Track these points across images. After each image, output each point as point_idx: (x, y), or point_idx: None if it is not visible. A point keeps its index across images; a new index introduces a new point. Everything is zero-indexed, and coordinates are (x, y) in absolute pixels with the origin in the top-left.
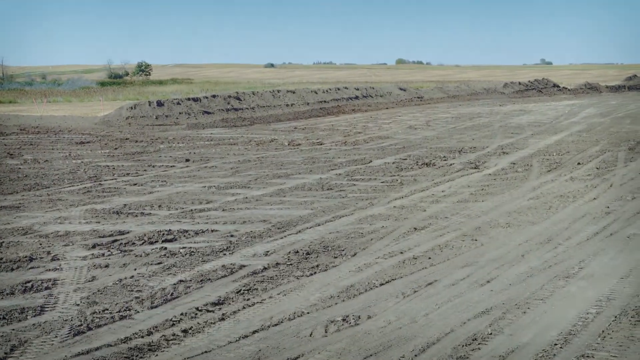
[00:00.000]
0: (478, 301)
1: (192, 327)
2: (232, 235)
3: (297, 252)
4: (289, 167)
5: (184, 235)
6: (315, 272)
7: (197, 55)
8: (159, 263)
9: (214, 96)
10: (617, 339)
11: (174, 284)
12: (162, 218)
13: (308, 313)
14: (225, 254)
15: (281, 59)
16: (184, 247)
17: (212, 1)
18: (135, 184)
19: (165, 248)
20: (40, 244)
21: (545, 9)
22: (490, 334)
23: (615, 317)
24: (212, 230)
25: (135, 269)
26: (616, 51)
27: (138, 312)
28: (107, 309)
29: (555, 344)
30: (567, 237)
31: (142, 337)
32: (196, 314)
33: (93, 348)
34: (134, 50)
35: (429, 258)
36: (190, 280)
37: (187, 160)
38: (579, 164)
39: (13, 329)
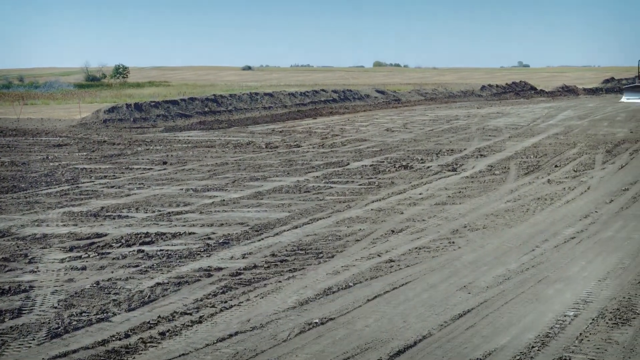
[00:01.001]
0: (455, 304)
1: (169, 329)
2: (209, 238)
3: (275, 254)
4: (266, 170)
5: (161, 238)
6: (292, 275)
7: (174, 58)
8: (136, 266)
9: (191, 99)
10: (594, 341)
11: (152, 287)
12: (139, 221)
13: (285, 316)
14: (202, 257)
15: (259, 62)
16: (161, 250)
17: (188, 4)
18: (113, 187)
19: (143, 251)
20: (18, 247)
21: (523, 11)
22: (468, 336)
23: (593, 319)
24: (190, 233)
25: (112, 272)
26: (594, 53)
27: (115, 314)
28: (85, 312)
29: (533, 347)
30: (545, 239)
31: (120, 339)
32: (173, 316)
33: (70, 351)
34: (111, 52)
35: (407, 261)
36: (168, 283)
37: (165, 162)
38: (556, 166)
39: None
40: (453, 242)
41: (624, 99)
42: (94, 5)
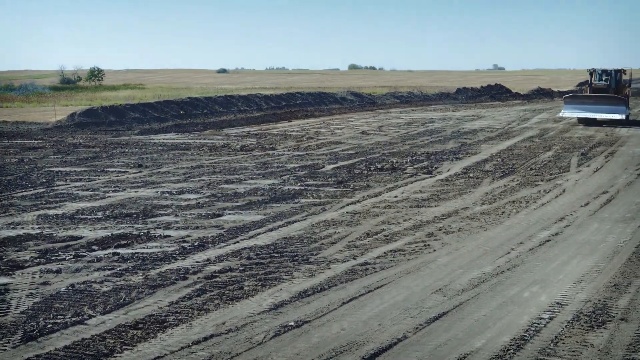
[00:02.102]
0: (430, 306)
1: (144, 332)
2: (184, 241)
3: (250, 257)
4: (241, 173)
5: (137, 241)
6: (267, 278)
7: (149, 61)
8: (111, 268)
9: (167, 102)
10: (569, 344)
11: (127, 290)
12: (114, 223)
13: (261, 318)
14: (177, 260)
15: (233, 64)
16: (136, 253)
17: (163, 6)
18: (88, 190)
19: (118, 253)
20: None
21: (498, 14)
22: (443, 339)
23: (568, 322)
24: (165, 236)
25: (87, 275)
26: (569, 56)
27: (91, 317)
28: (60, 315)
29: (508, 350)
30: (520, 242)
31: (95, 342)
32: (149, 319)
33: (45, 353)
34: (87, 55)
35: (382, 263)
36: (143, 286)
37: (140, 165)
38: (531, 169)
39: None
40: (428, 245)
41: (564, 112)
42: (69, 7)
